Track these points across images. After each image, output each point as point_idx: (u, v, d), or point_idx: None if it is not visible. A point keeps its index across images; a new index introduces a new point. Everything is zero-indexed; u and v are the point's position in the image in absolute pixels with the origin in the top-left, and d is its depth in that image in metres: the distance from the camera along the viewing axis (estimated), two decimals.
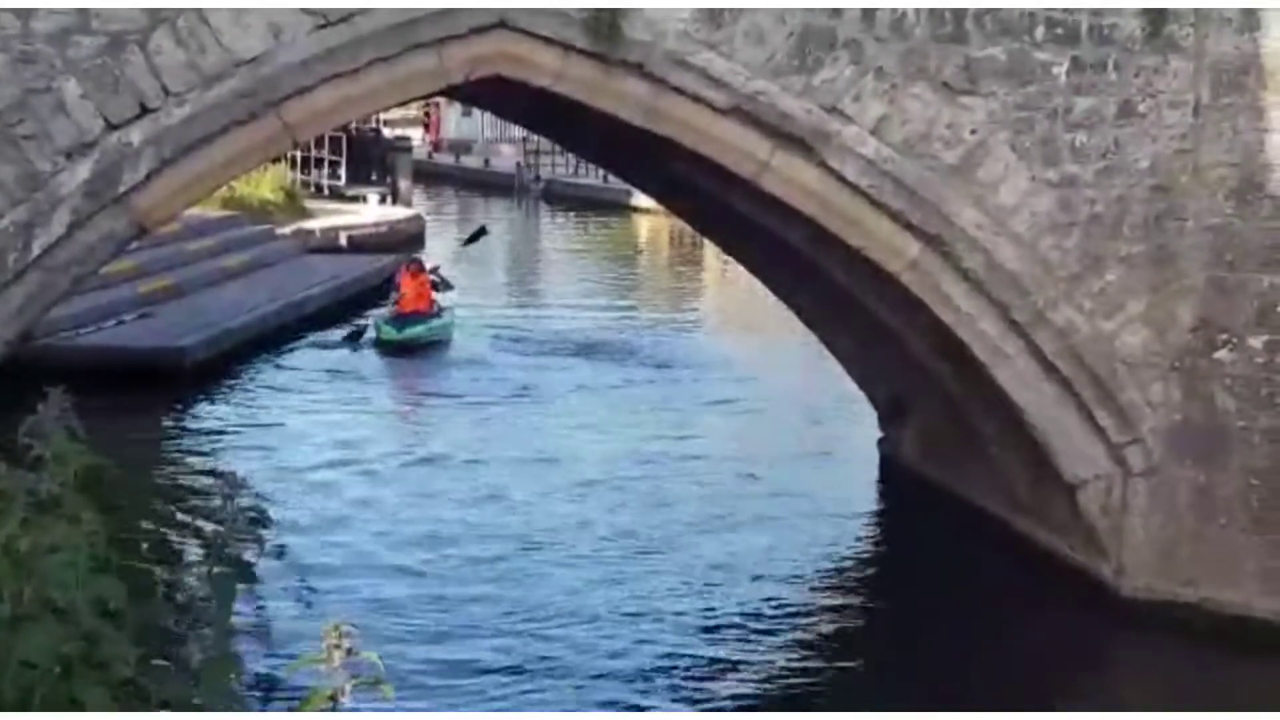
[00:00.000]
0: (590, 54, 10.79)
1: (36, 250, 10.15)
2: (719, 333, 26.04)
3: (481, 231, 29.31)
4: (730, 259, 19.05)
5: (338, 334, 24.16)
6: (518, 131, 50.84)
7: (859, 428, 16.69)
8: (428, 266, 25.46)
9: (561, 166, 54.92)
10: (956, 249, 11.20)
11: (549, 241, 43.56)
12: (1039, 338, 11.34)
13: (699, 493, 15.41)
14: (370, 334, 23.99)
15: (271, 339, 23.49)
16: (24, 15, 9.98)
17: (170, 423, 18.33)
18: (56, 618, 3.56)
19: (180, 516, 13.55)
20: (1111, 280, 11.40)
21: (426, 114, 64.77)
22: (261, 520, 4.38)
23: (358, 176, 42.52)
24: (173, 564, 9.99)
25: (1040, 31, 11.10)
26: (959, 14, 10.98)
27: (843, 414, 17.74)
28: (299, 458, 16.47)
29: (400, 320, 23.82)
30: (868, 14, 10.92)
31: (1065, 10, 11.07)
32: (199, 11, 10.17)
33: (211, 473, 15.54)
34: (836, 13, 10.88)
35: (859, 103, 10.98)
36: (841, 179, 11.10)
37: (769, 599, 12.50)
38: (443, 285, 25.26)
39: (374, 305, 25.50)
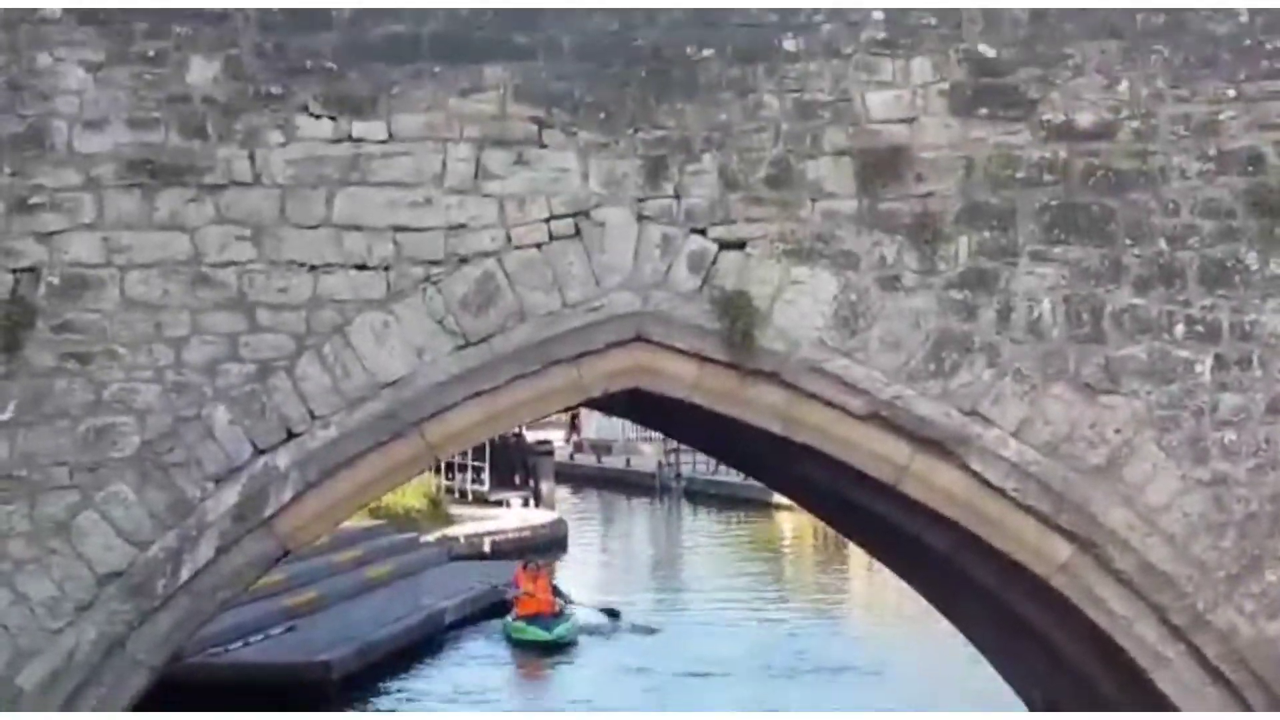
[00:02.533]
0: (726, 364, 10.87)
1: (185, 575, 10.29)
2: (866, 636, 25.57)
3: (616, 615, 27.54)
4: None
5: (481, 639, 24.16)
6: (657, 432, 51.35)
7: None
8: (562, 590, 25.60)
9: (702, 464, 55.06)
10: (1107, 550, 10.91)
11: (690, 541, 43.40)
12: (1199, 641, 10.92)
13: None
14: (501, 634, 24.09)
15: (415, 649, 23.50)
16: (176, 346, 10.31)
17: None
18: None
19: None
20: (1273, 580, 10.97)
21: (575, 417, 65.55)
22: None
23: (500, 481, 43.09)
24: None
25: (1180, 329, 10.97)
26: (1096, 314, 10.91)
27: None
28: None
29: (543, 622, 23.95)
30: (1003, 316, 10.90)
31: (1204, 308, 10.96)
32: (344, 336, 10.44)
33: None
34: (971, 316, 10.88)
35: (999, 405, 10.88)
36: (985, 482, 10.93)
37: None
38: (565, 599, 25.42)
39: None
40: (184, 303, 10.37)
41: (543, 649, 23.70)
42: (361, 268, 10.54)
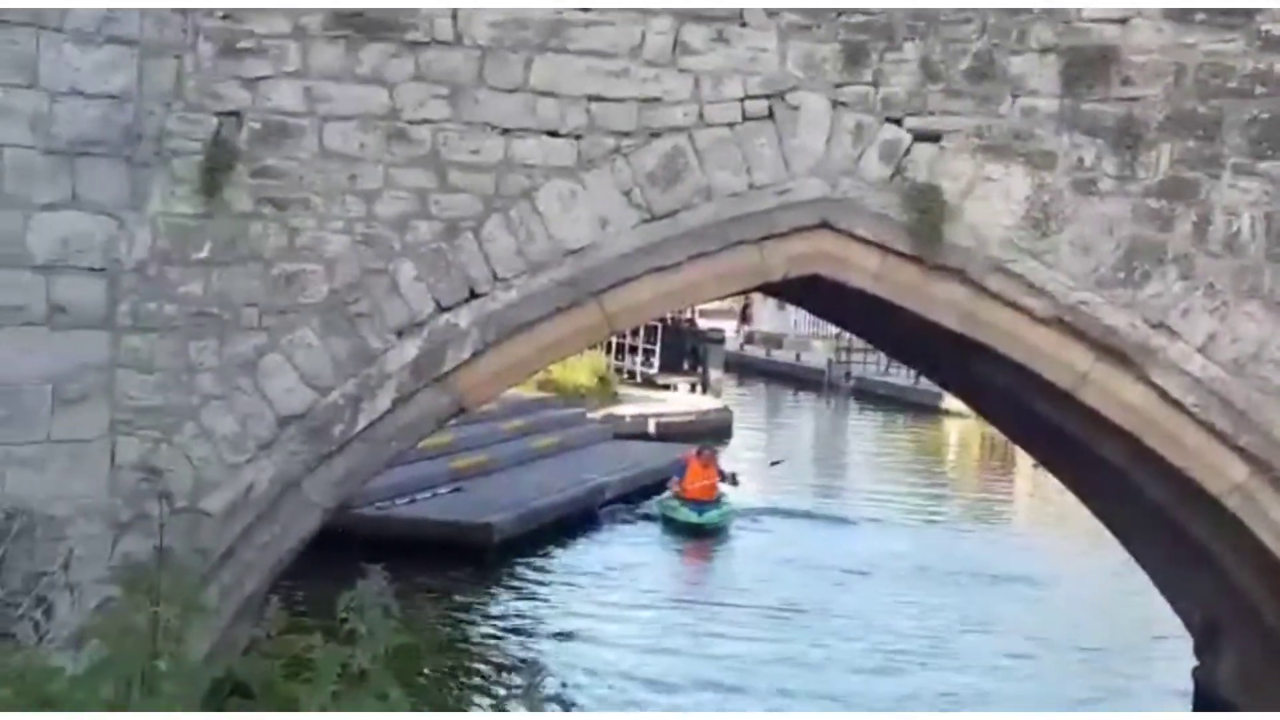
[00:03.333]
0: (910, 257, 10.79)
1: (362, 423, 10.53)
2: (1028, 546, 25.32)
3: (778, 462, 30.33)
4: (1042, 468, 18.55)
5: (636, 516, 24.50)
6: (830, 327, 51.09)
7: (1173, 653, 15.95)
8: (728, 472, 25.71)
9: (873, 365, 54.71)
10: None
11: (855, 441, 43.23)
12: None
13: (995, 704, 14.93)
14: (656, 510, 24.41)
15: (576, 520, 23.84)
16: (368, 198, 10.49)
17: (474, 597, 18.65)
18: None
19: (481, 695, 13.64)
20: None
21: (747, 308, 65.38)
22: (561, 706, 4.37)
23: (670, 365, 43.26)
24: None
25: None
26: None
27: (1157, 637, 16.99)
28: (594, 644, 16.53)
29: (695, 505, 24.18)
30: (1199, 229, 10.66)
31: None
32: (531, 201, 10.54)
33: (511, 650, 15.70)
34: (1167, 226, 10.65)
35: (1187, 319, 10.67)
36: (1165, 395, 10.76)
37: None
38: (731, 480, 25.55)
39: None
40: (379, 157, 10.52)
41: (690, 530, 23.95)
42: (553, 134, 10.60)
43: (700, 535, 23.87)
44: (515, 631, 17.09)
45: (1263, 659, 13.31)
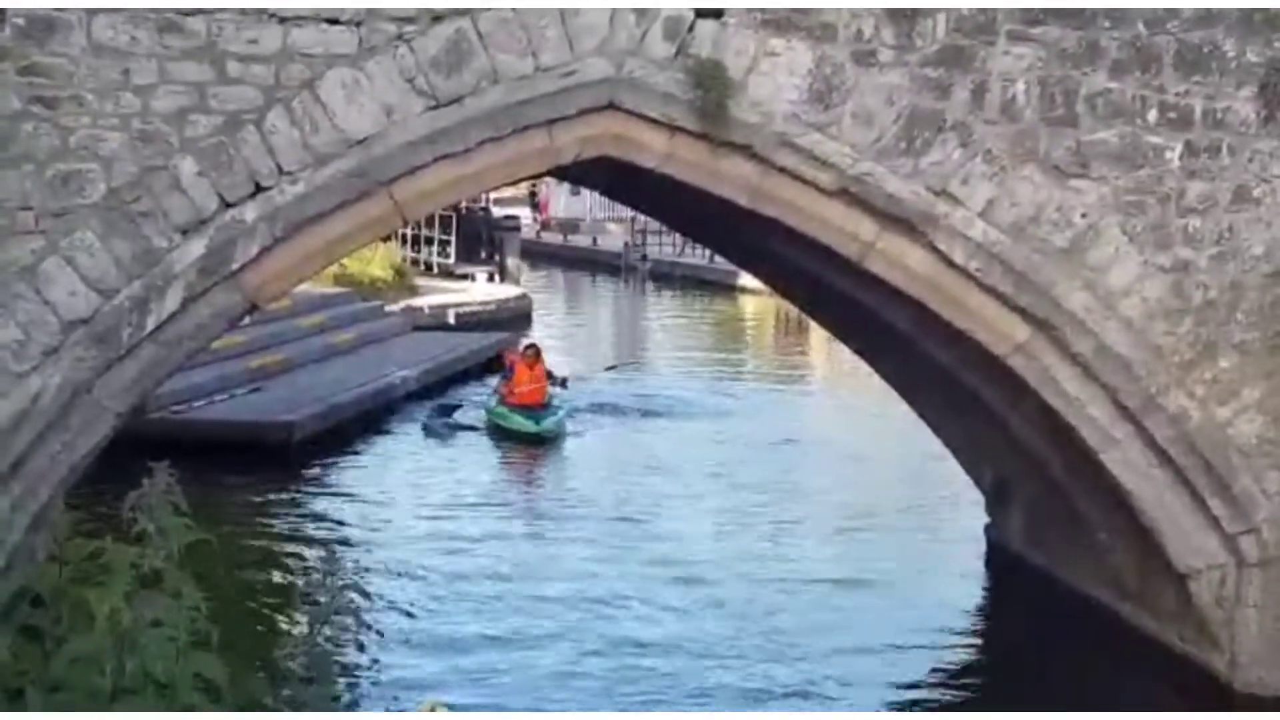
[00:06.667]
0: (698, 135, 10.84)
1: (150, 325, 10.31)
2: (823, 414, 25.92)
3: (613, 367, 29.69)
4: (835, 339, 18.86)
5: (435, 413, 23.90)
6: (626, 211, 51.16)
7: (966, 510, 16.49)
8: (559, 375, 24.56)
9: (669, 246, 55.07)
10: (1065, 333, 11.08)
11: (654, 320, 43.58)
12: (1150, 424, 11.17)
13: (800, 570, 15.32)
14: (482, 420, 23.65)
15: (378, 414, 23.70)
16: (144, 94, 10.20)
17: (276, 497, 18.48)
18: (156, 692, 3.57)
19: (282, 593, 13.56)
20: (1225, 367, 11.21)
21: (533, 193, 65.19)
22: (360, 598, 4.38)
23: (466, 254, 42.96)
24: (273, 640, 9.96)
25: (1153, 115, 11.00)
26: (1070, 97, 10.92)
27: (949, 496, 17.55)
28: (399, 535, 16.52)
29: (527, 410, 23.12)
30: (977, 96, 10.88)
31: (1178, 94, 10.98)
32: (313, 91, 10.34)
33: (314, 549, 15.61)
34: (945, 95, 10.85)
35: (967, 185, 10.92)
36: (949, 261, 11.03)
37: (867, 677, 12.46)
38: (561, 384, 24.54)
39: (477, 381, 25.65)
40: (152, 50, 10.21)
41: (522, 438, 23.00)
42: (333, 22, 10.38)
43: (529, 442, 22.92)
44: (315, 530, 16.93)
45: (1048, 512, 13.85)
